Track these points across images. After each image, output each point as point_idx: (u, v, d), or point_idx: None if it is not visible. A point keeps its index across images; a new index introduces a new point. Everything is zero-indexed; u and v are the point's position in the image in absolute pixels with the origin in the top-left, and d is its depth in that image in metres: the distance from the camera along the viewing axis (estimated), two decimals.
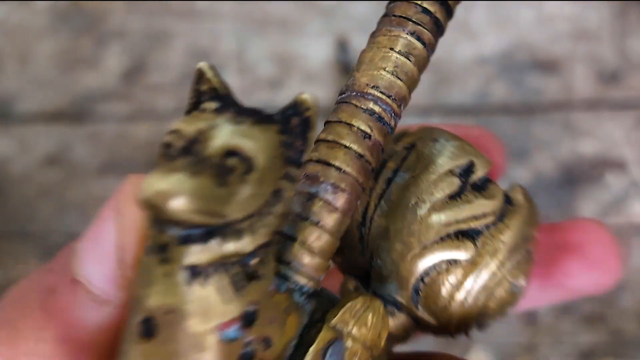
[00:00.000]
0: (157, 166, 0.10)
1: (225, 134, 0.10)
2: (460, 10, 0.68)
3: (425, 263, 0.11)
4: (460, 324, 0.13)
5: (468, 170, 0.12)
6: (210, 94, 0.12)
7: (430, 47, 0.13)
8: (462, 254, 0.11)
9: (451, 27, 0.67)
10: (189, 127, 0.11)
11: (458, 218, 0.11)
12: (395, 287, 0.12)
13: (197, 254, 0.10)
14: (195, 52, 0.58)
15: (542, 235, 0.14)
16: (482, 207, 0.11)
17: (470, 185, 0.12)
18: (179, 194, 0.09)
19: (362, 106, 0.12)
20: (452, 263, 0.11)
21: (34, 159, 0.52)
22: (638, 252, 0.46)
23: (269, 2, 0.61)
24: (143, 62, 0.58)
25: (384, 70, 0.12)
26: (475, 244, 0.11)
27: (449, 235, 0.11)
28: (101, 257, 0.12)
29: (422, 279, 0.12)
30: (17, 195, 0.51)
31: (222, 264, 0.10)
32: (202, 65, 0.13)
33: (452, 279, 0.12)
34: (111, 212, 0.13)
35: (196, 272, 0.10)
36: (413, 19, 0.13)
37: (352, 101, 0.13)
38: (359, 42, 0.58)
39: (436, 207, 0.11)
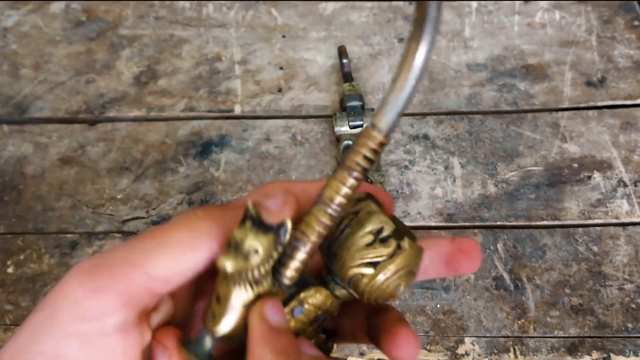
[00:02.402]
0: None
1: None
2: (454, 19, 0.70)
3: (351, 272, 0.23)
4: (369, 300, 0.24)
5: (379, 231, 0.23)
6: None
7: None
8: (369, 271, 0.23)
9: (446, 36, 0.69)
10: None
11: (366, 255, 0.23)
12: (339, 279, 0.24)
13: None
14: (203, 58, 0.60)
15: (449, 242, 0.25)
16: (380, 251, 0.23)
17: (379, 239, 0.23)
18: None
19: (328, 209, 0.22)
20: (363, 274, 0.23)
21: (48, 159, 0.54)
22: (624, 248, 0.47)
23: (273, 10, 0.63)
24: (153, 68, 0.59)
25: (337, 193, 0.22)
26: (374, 268, 0.23)
27: (362, 263, 0.23)
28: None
29: (351, 278, 0.23)
30: (32, 194, 0.52)
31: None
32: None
33: (365, 280, 0.23)
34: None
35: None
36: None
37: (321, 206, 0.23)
38: (354, 51, 0.60)
39: (358, 249, 0.23)
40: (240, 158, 0.53)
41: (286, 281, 0.22)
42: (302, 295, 0.23)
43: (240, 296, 0.22)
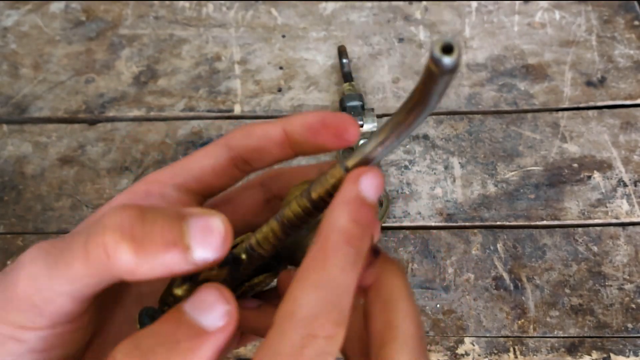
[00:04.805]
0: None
1: None
2: (454, 19, 0.70)
3: None
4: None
5: (309, 191, 0.21)
6: None
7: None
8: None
9: (446, 36, 0.69)
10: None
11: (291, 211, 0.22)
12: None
13: None
14: (203, 58, 0.60)
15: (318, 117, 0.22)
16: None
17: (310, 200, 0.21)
18: None
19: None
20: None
21: (48, 159, 0.54)
22: (624, 248, 0.47)
23: (273, 10, 0.63)
24: (153, 67, 0.59)
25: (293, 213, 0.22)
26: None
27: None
28: None
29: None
30: (32, 194, 0.52)
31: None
32: None
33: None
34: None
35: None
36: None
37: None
38: (354, 51, 0.60)
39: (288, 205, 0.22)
40: None
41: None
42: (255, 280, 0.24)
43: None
